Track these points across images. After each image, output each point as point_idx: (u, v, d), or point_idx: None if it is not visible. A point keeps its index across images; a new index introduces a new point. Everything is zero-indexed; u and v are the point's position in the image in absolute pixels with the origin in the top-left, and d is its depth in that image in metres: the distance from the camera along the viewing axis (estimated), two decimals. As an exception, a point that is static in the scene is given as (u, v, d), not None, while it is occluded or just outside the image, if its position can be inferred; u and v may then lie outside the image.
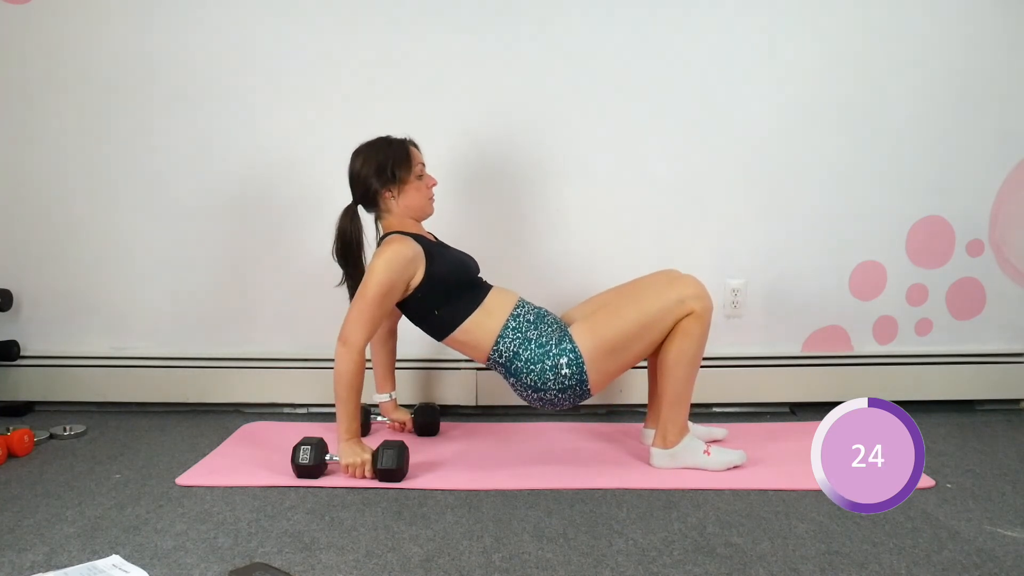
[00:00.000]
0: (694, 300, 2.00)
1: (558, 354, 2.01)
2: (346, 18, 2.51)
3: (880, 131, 2.58)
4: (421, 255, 2.04)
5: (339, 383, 1.97)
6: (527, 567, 1.53)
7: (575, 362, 2.00)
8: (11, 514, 1.77)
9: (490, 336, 2.06)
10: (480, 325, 2.06)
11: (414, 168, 2.12)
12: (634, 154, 2.57)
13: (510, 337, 2.05)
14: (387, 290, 1.99)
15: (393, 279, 2.00)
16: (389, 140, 2.13)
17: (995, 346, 2.68)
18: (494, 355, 2.07)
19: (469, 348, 2.10)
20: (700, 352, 2.04)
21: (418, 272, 2.03)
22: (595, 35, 2.52)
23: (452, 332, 2.08)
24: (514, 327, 2.06)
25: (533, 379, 2.03)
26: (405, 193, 2.11)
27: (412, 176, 2.11)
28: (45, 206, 2.59)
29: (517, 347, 2.04)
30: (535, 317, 2.09)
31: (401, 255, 2.01)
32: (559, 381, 2.02)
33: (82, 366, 2.61)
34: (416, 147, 2.16)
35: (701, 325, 2.01)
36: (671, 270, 2.18)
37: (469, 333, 2.07)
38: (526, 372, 2.03)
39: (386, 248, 2.03)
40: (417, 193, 2.13)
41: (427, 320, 2.10)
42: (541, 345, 2.03)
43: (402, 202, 2.12)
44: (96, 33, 2.52)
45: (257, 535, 1.67)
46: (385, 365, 2.39)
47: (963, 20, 2.55)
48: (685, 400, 2.06)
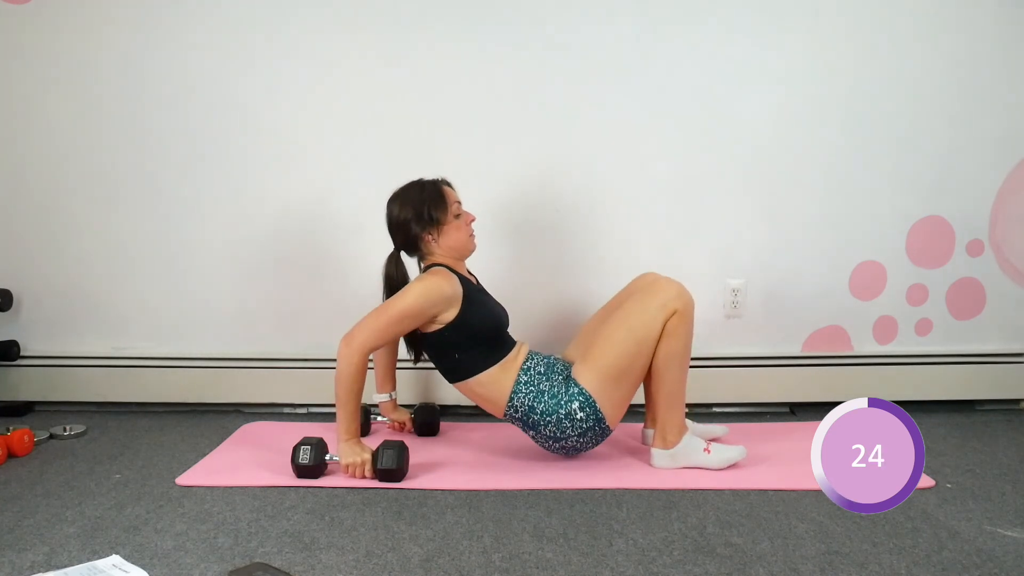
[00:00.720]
0: (674, 300, 2.01)
1: (569, 400, 2.02)
2: (344, 19, 2.51)
3: (880, 131, 2.59)
4: (460, 296, 2.04)
5: (339, 384, 1.97)
6: (527, 567, 1.53)
7: (587, 404, 2.01)
8: (11, 514, 1.77)
9: (504, 392, 2.06)
10: (495, 380, 2.06)
11: (450, 208, 2.11)
12: (635, 155, 2.57)
13: (523, 392, 2.05)
14: (413, 314, 2.00)
15: (422, 307, 2.00)
16: (422, 184, 2.13)
17: (995, 346, 2.68)
18: (510, 411, 2.08)
19: (483, 401, 2.12)
20: (688, 349, 2.05)
21: (451, 310, 2.03)
22: (595, 35, 2.52)
23: (465, 380, 2.08)
24: (526, 381, 2.06)
25: (552, 430, 2.04)
26: (445, 234, 2.11)
27: (449, 216, 2.10)
28: (45, 206, 2.59)
29: (532, 401, 2.04)
30: (545, 368, 2.09)
31: (439, 289, 2.01)
32: (576, 427, 2.02)
33: (82, 366, 2.61)
34: (449, 186, 2.16)
35: (685, 323, 2.02)
36: (646, 275, 2.20)
37: (484, 387, 2.07)
38: (544, 424, 2.04)
39: (430, 276, 2.04)
40: (457, 232, 2.12)
41: (444, 359, 2.11)
42: (553, 396, 2.03)
43: (443, 243, 2.11)
44: (96, 33, 2.52)
45: (257, 535, 1.67)
46: (386, 365, 2.39)
47: (963, 21, 2.55)
48: (680, 399, 2.07)
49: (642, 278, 2.20)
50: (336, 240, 2.58)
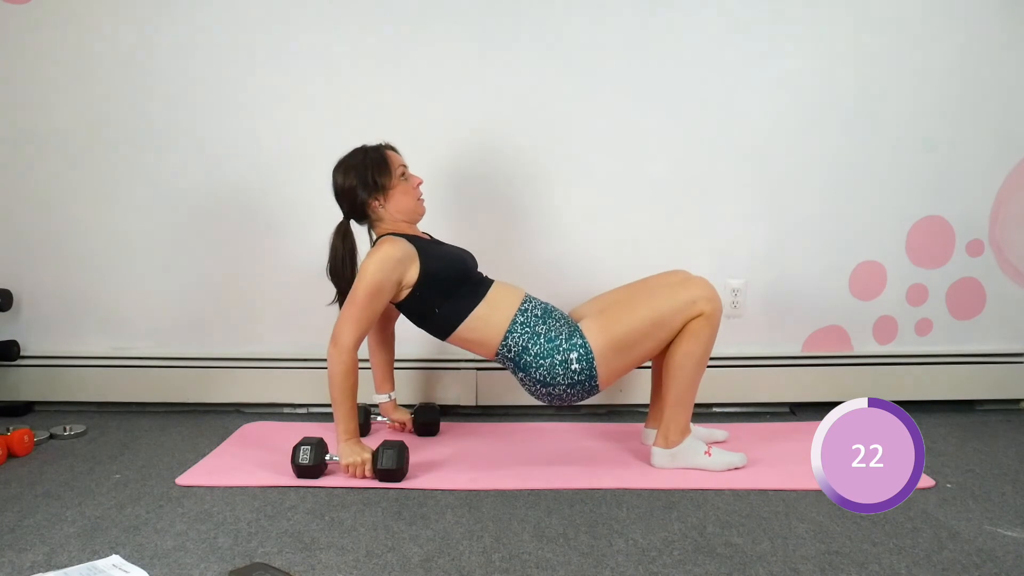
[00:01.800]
0: (705, 302, 1.99)
1: (568, 349, 2.01)
2: (346, 20, 2.51)
3: (880, 131, 2.58)
4: (413, 254, 2.03)
5: (332, 385, 1.97)
6: (527, 567, 1.53)
7: (585, 357, 2.00)
8: (11, 514, 1.77)
9: (498, 331, 2.05)
10: (485, 320, 2.05)
11: (395, 171, 2.10)
12: (634, 154, 2.57)
13: (518, 332, 2.04)
14: (376, 291, 1.99)
15: (382, 279, 1.99)
16: (365, 149, 2.12)
17: (995, 346, 2.68)
18: (503, 350, 2.06)
19: (475, 345, 2.09)
20: (707, 354, 2.04)
21: (411, 270, 2.03)
22: (596, 36, 2.52)
23: (456, 329, 2.07)
24: (522, 322, 2.05)
25: (542, 374, 2.03)
26: (392, 198, 2.10)
27: (395, 179, 2.10)
28: (45, 206, 2.59)
29: (526, 342, 2.03)
30: (542, 312, 2.08)
31: (390, 255, 2.00)
32: (568, 376, 2.01)
33: (82, 366, 2.61)
34: (394, 150, 2.15)
35: (710, 327, 2.01)
36: (681, 270, 2.18)
37: (474, 330, 2.06)
38: (535, 367, 2.03)
39: (376, 250, 2.03)
40: (404, 196, 2.11)
41: (428, 319, 2.10)
42: (550, 340, 2.02)
43: (391, 207, 2.11)
44: (96, 33, 2.52)
45: (257, 535, 1.67)
46: (384, 366, 2.38)
47: (963, 20, 2.55)
48: (689, 401, 2.07)
49: (674, 274, 2.17)
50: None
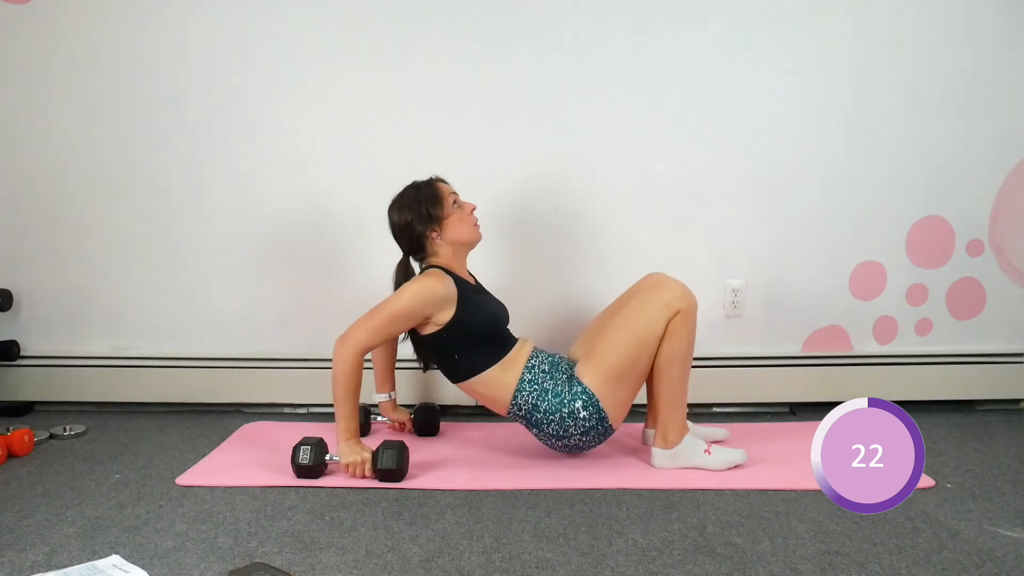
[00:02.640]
0: (678, 300, 2.01)
1: (572, 399, 2.02)
2: (346, 20, 2.51)
3: (880, 131, 2.58)
4: (454, 297, 2.04)
5: (336, 384, 1.98)
6: (527, 567, 1.53)
7: (590, 403, 2.01)
8: (11, 514, 1.77)
9: (507, 391, 2.06)
10: (498, 379, 2.07)
11: (447, 201, 2.12)
12: (634, 154, 2.57)
13: (527, 390, 2.05)
14: (405, 314, 2.01)
15: (415, 308, 2.00)
16: (417, 185, 2.14)
17: (995, 346, 2.68)
18: (513, 408, 2.08)
19: (487, 400, 2.12)
20: (691, 349, 2.05)
21: (445, 311, 2.03)
22: (596, 36, 2.52)
23: (468, 379, 2.09)
24: (530, 379, 2.06)
25: (555, 428, 2.04)
26: (448, 228, 2.11)
27: (448, 208, 2.11)
28: (45, 206, 2.59)
29: (535, 399, 2.04)
30: (549, 366, 2.09)
31: (433, 290, 2.02)
32: (580, 425, 2.02)
33: (82, 366, 2.61)
34: (444, 181, 2.17)
35: (688, 323, 2.02)
36: (653, 274, 2.19)
37: (487, 387, 2.08)
38: (547, 422, 2.04)
39: (424, 278, 2.05)
40: (460, 224, 2.12)
41: (445, 361, 2.11)
42: (557, 395, 2.03)
43: (448, 237, 2.12)
44: (96, 33, 2.52)
45: (257, 535, 1.67)
46: (385, 365, 2.38)
47: (962, 21, 2.55)
48: (682, 399, 2.07)
49: (647, 278, 2.19)
50: (337, 240, 2.58)
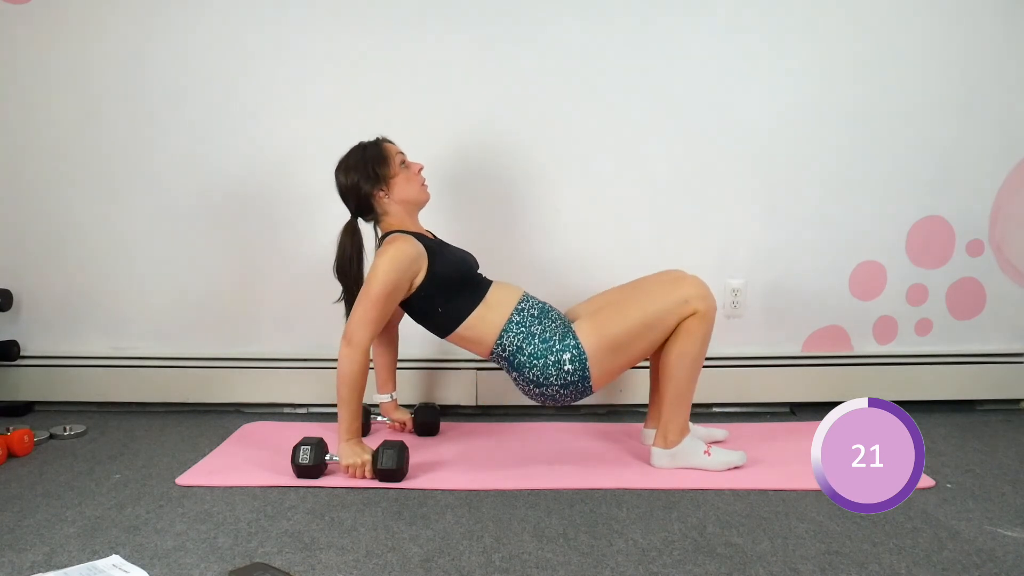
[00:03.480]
0: (698, 300, 2.00)
1: (561, 350, 2.01)
2: (346, 19, 2.51)
3: (880, 131, 2.58)
4: (424, 253, 2.04)
5: (342, 383, 1.97)
6: (527, 567, 1.53)
7: (578, 358, 2.00)
8: (11, 514, 1.77)
9: (493, 330, 2.05)
10: (483, 320, 2.06)
11: (394, 160, 2.12)
12: (634, 154, 2.58)
13: (514, 331, 2.04)
14: (392, 289, 1.99)
15: (397, 278, 1.99)
16: (362, 145, 2.14)
17: (995, 346, 2.68)
18: (497, 349, 2.07)
19: (472, 344, 2.10)
20: (703, 353, 2.04)
21: (421, 271, 2.03)
22: (595, 36, 2.52)
23: (455, 329, 2.07)
24: (518, 321, 2.05)
25: (536, 374, 2.03)
26: (395, 187, 2.11)
27: (395, 168, 2.11)
28: (45, 206, 2.59)
29: (521, 341, 2.04)
30: (539, 312, 2.09)
31: (404, 253, 2.01)
32: (562, 377, 2.01)
33: (82, 366, 2.61)
34: (390, 142, 2.17)
35: (704, 325, 2.01)
36: (675, 270, 2.17)
37: (472, 329, 2.06)
38: (529, 367, 2.03)
39: (388, 247, 2.02)
40: (407, 183, 2.13)
41: (430, 318, 2.10)
42: (544, 340, 2.02)
43: (395, 197, 2.12)
44: (95, 33, 2.52)
45: (257, 535, 1.67)
46: (386, 365, 2.38)
47: (963, 20, 2.55)
48: (686, 400, 2.06)
49: (668, 273, 2.16)
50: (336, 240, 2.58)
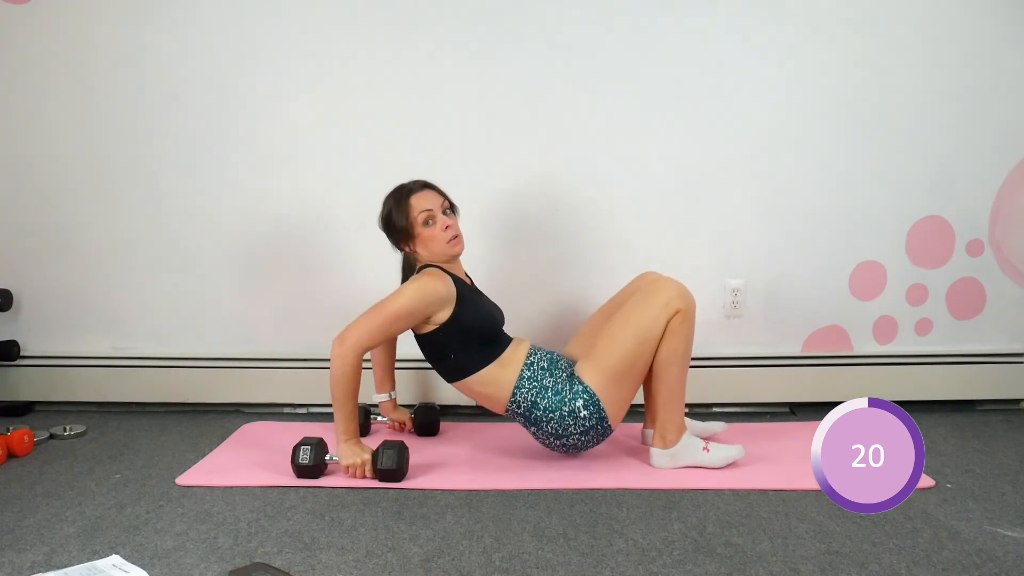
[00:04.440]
0: (678, 300, 2.01)
1: (573, 398, 2.01)
2: (348, 22, 2.51)
3: (880, 131, 2.58)
4: (453, 296, 2.04)
5: (335, 385, 1.97)
6: (527, 567, 1.53)
7: (591, 402, 2.01)
8: (11, 514, 1.77)
9: (506, 388, 2.06)
10: (495, 378, 2.06)
11: (416, 220, 2.06)
12: (635, 154, 2.57)
13: (526, 387, 2.04)
14: (406, 314, 1.99)
15: (416, 308, 2.00)
16: (396, 191, 2.11)
17: (995, 346, 2.68)
18: (512, 406, 2.07)
19: (484, 399, 2.11)
20: (689, 349, 2.05)
21: (445, 311, 2.03)
22: (595, 36, 2.52)
23: (464, 379, 2.08)
24: (529, 376, 2.05)
25: (554, 427, 2.04)
26: (419, 245, 2.10)
27: (418, 228, 2.07)
28: (45, 206, 2.59)
29: (535, 397, 2.04)
30: (548, 364, 2.09)
31: (433, 290, 2.01)
32: (579, 424, 2.02)
33: (82, 366, 2.61)
34: (428, 187, 2.11)
35: (687, 322, 2.02)
36: (647, 274, 2.20)
37: (484, 385, 2.07)
38: (546, 420, 2.03)
39: (423, 277, 2.04)
40: (431, 241, 2.07)
41: (440, 361, 2.11)
42: (557, 392, 2.03)
43: (422, 251, 2.11)
44: (96, 33, 2.52)
45: (257, 535, 1.67)
46: (385, 365, 2.38)
47: (963, 20, 2.55)
48: (679, 398, 2.07)
49: (642, 277, 2.20)
50: (336, 239, 2.58)
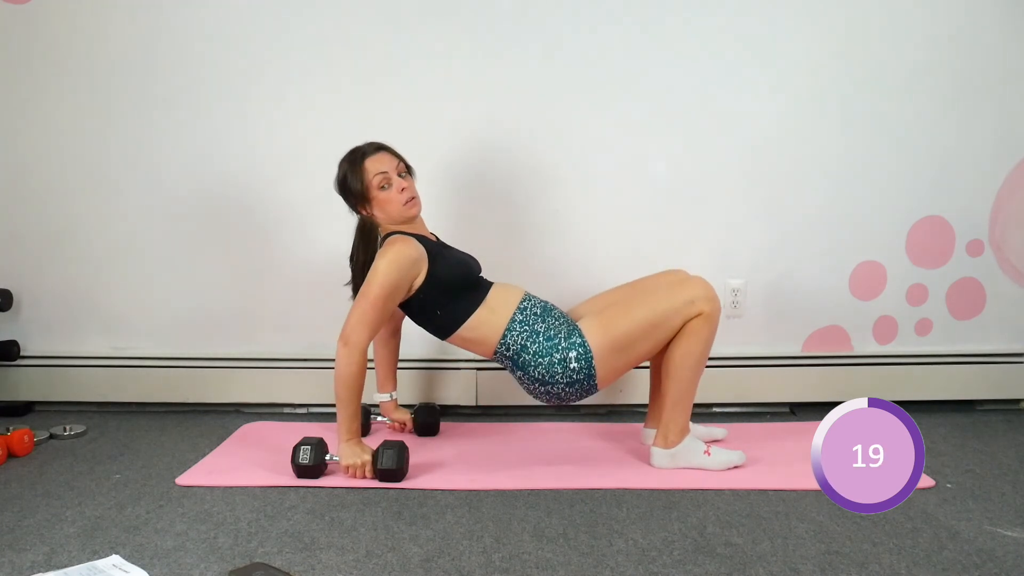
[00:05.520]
0: (704, 302, 1.99)
1: (567, 348, 2.00)
2: (348, 21, 2.51)
3: (880, 131, 2.58)
4: (424, 255, 2.03)
5: (340, 384, 1.97)
6: (527, 567, 1.53)
7: (584, 356, 2.00)
8: (11, 514, 1.77)
9: (496, 331, 2.05)
10: (485, 322, 2.05)
11: (371, 183, 2.05)
12: (634, 154, 2.57)
13: (517, 330, 2.04)
14: (391, 291, 1.98)
15: (397, 280, 1.98)
16: (351, 154, 2.10)
17: (995, 346, 2.68)
18: (501, 348, 2.06)
19: (474, 344, 2.10)
20: (706, 353, 2.04)
21: (421, 273, 2.02)
22: (595, 36, 2.52)
23: (456, 330, 2.07)
24: (521, 320, 2.05)
25: (541, 372, 2.02)
26: (377, 206, 2.08)
27: (373, 191, 2.06)
28: (45, 206, 2.59)
29: (525, 340, 2.03)
30: (541, 310, 2.08)
31: (405, 255, 2.00)
32: (567, 374, 2.01)
33: (82, 366, 2.61)
34: (383, 148, 2.10)
35: (709, 326, 2.01)
36: (680, 270, 2.18)
37: (474, 330, 2.06)
38: (534, 365, 2.02)
39: (389, 248, 2.02)
40: (387, 203, 2.06)
41: (430, 320, 2.10)
42: (549, 338, 2.02)
43: (379, 214, 2.10)
44: (96, 33, 2.52)
45: (257, 535, 1.67)
46: (387, 365, 2.38)
47: (963, 20, 2.55)
48: (688, 401, 2.07)
49: (672, 273, 2.17)
50: (338, 241, 2.57)
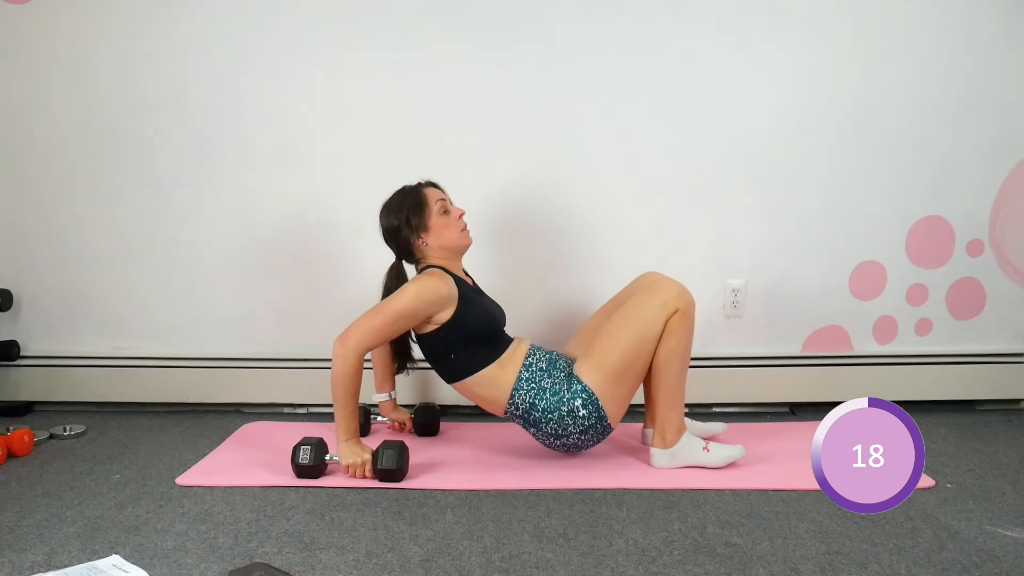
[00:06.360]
0: (676, 300, 2.01)
1: (571, 398, 2.01)
2: (349, 28, 2.51)
3: (880, 131, 2.58)
4: (455, 296, 2.04)
5: (336, 385, 1.97)
6: (527, 567, 1.53)
7: (590, 401, 2.01)
8: (11, 514, 1.77)
9: (504, 390, 2.05)
10: (494, 379, 2.06)
11: (433, 207, 2.11)
12: (635, 154, 2.57)
13: (524, 388, 2.04)
14: (408, 314, 2.00)
15: (418, 307, 2.00)
16: (404, 190, 2.15)
17: (995, 346, 2.68)
18: (511, 408, 2.07)
19: (483, 400, 2.11)
20: (688, 348, 2.05)
21: (446, 311, 2.03)
22: (595, 36, 2.52)
23: (463, 379, 2.08)
24: (527, 378, 2.05)
25: (553, 427, 2.04)
26: (434, 234, 2.11)
27: (434, 217, 2.10)
28: (45, 206, 2.59)
29: (533, 398, 2.04)
30: (547, 364, 2.09)
31: (435, 289, 2.01)
32: (579, 424, 2.02)
33: (82, 366, 2.61)
34: (434, 186, 2.17)
35: (687, 322, 2.02)
36: (647, 274, 2.20)
37: (483, 387, 2.07)
38: (545, 421, 2.04)
39: (425, 277, 2.04)
40: (447, 230, 2.11)
41: (441, 361, 2.11)
42: (555, 393, 2.03)
43: (435, 243, 2.11)
44: (96, 33, 2.52)
45: (257, 535, 1.67)
46: (385, 365, 2.38)
47: (963, 21, 2.55)
48: (679, 398, 2.07)
49: (643, 277, 2.20)
50: (337, 239, 2.59)
